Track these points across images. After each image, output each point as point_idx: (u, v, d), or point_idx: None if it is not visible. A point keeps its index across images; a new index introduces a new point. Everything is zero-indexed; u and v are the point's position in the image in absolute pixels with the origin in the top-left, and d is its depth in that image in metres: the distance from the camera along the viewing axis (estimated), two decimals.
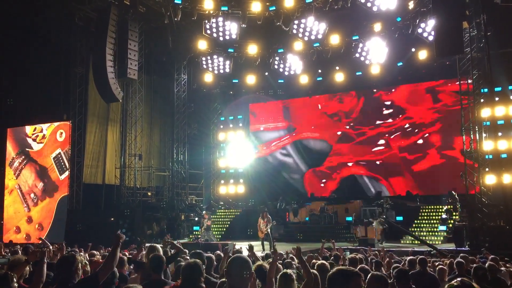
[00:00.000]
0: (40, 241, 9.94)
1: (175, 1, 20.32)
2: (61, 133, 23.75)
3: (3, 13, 23.36)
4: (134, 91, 23.11)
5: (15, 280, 4.02)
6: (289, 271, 4.97)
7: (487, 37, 17.40)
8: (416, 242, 18.04)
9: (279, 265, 5.85)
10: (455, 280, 2.97)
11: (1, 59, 25.24)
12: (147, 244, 7.81)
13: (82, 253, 9.53)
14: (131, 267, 7.43)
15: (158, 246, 6.00)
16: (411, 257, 8.74)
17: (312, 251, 15.40)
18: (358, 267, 6.00)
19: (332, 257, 8.99)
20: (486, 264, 6.90)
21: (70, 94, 23.36)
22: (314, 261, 8.19)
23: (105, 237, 18.94)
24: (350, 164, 25.31)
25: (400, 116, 24.34)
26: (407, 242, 18.71)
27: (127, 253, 10.19)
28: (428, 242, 17.53)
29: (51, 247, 8.73)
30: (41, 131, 24.50)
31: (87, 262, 6.83)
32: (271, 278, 4.69)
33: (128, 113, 23.50)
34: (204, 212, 22.44)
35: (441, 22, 16.91)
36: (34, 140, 24.58)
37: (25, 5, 22.12)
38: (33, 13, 22.52)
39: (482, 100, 17.57)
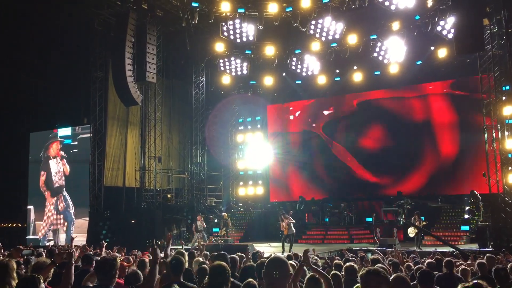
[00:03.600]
0: (75, 237, 10.19)
1: (192, 4, 20.45)
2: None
3: (24, 20, 23.84)
4: (153, 94, 23.29)
5: (42, 281, 4.07)
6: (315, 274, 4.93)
7: (508, 34, 17.10)
8: (438, 243, 17.81)
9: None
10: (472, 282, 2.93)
11: (23, 65, 25.77)
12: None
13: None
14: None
15: (183, 251, 6.01)
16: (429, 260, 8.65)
17: (332, 252, 15.37)
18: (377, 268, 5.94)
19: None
20: (509, 265, 6.76)
21: (90, 98, 23.66)
22: (336, 261, 8.18)
23: (126, 240, 19.18)
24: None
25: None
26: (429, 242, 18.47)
27: (148, 255, 10.26)
28: (450, 243, 17.30)
29: (74, 249, 8.84)
30: None
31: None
32: (296, 282, 4.64)
33: (147, 116, 23.69)
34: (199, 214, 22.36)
35: (461, 19, 16.66)
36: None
37: (46, 11, 22.51)
38: (54, 19, 22.89)
39: (504, 98, 17.28)
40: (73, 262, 4.59)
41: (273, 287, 3.31)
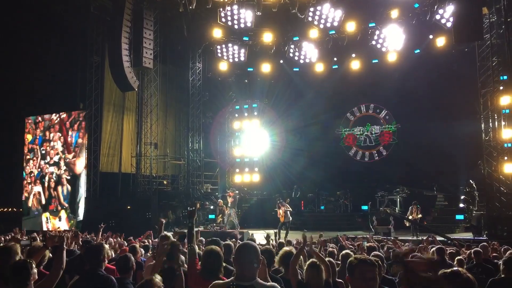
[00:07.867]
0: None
1: None
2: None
3: (20, 3, 23.55)
4: (149, 80, 23.15)
5: (34, 266, 4.06)
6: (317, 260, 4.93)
7: (507, 23, 17.04)
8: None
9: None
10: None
11: (19, 49, 25.53)
12: (164, 233, 7.79)
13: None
14: (148, 254, 7.50)
15: (170, 234, 6.00)
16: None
17: (326, 240, 15.41)
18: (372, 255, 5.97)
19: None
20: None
21: (86, 83, 23.52)
22: (330, 249, 8.21)
23: (122, 225, 19.19)
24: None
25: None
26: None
27: (145, 240, 10.28)
28: (444, 232, 17.39)
29: (68, 234, 8.82)
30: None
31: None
32: (295, 267, 4.64)
33: (143, 102, 23.57)
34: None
35: (460, 8, 16.60)
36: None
37: None
38: (49, 4, 22.63)
39: (501, 88, 17.27)
40: (65, 246, 4.57)
41: (243, 273, 3.25)
